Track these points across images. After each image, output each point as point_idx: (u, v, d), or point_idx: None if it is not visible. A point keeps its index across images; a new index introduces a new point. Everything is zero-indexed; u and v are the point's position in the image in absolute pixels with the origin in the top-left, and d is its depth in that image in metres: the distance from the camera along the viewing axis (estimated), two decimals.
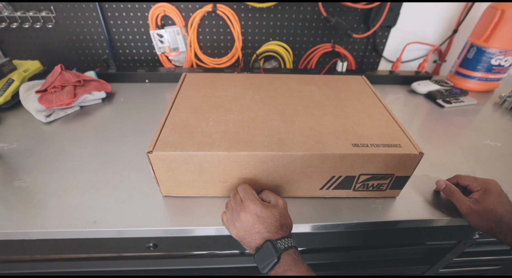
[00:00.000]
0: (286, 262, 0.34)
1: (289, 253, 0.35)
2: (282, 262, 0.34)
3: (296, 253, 0.36)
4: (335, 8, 0.85)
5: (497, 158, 0.59)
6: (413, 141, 0.43)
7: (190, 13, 0.84)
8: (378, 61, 0.98)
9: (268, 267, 0.35)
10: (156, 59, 0.93)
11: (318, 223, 0.45)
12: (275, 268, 0.35)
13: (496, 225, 0.40)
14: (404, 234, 0.54)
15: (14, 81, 0.72)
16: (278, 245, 0.35)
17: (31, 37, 0.86)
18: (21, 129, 0.64)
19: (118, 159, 0.56)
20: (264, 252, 0.36)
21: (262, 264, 0.35)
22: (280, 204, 0.40)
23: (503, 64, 0.80)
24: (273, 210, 0.38)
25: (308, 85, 0.59)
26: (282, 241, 0.36)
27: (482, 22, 0.79)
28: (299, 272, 0.33)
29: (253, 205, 0.38)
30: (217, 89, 0.56)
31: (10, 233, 0.42)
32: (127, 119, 0.68)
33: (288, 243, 0.36)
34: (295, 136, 0.43)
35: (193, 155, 0.41)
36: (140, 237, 0.47)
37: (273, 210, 0.38)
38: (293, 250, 0.35)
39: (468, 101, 0.80)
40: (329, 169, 0.43)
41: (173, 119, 0.47)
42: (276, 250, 0.35)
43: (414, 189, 0.51)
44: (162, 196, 0.48)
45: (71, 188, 0.49)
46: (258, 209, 0.37)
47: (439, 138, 0.65)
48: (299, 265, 0.34)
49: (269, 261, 0.35)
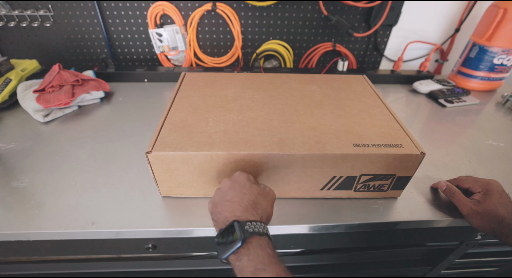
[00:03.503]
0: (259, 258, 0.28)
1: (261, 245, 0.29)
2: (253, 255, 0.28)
3: (271, 247, 0.30)
4: (336, 7, 0.84)
5: (500, 158, 0.58)
6: (415, 141, 0.43)
7: (189, 12, 0.83)
8: (379, 60, 0.98)
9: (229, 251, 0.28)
10: (155, 58, 0.93)
11: (318, 224, 0.44)
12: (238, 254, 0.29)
13: (498, 226, 0.39)
14: (405, 235, 0.53)
15: (11, 80, 0.71)
16: (247, 227, 0.29)
17: (29, 36, 0.85)
18: (18, 129, 0.63)
19: (117, 159, 0.55)
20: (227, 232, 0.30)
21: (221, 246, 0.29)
22: (267, 189, 0.37)
23: (505, 63, 0.80)
24: (254, 185, 0.36)
25: (309, 84, 0.59)
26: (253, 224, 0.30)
27: (485, 21, 0.78)
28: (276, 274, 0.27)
29: (239, 173, 0.37)
30: (217, 89, 0.55)
31: (7, 234, 0.42)
32: (125, 119, 0.68)
33: (260, 228, 0.30)
34: (296, 136, 0.43)
35: (192, 155, 0.40)
36: (139, 238, 0.47)
37: (254, 185, 0.36)
38: (267, 241, 0.30)
39: (470, 101, 0.79)
40: (330, 170, 0.43)
41: (172, 119, 0.46)
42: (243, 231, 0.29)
43: (415, 190, 0.50)
44: (161, 196, 0.48)
45: (69, 189, 0.48)
46: (241, 177, 0.36)
47: (441, 138, 0.65)
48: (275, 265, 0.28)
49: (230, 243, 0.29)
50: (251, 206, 0.33)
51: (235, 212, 0.32)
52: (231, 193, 0.35)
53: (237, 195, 0.34)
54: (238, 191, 0.35)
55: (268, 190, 0.38)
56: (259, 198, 0.35)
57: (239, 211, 0.32)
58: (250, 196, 0.34)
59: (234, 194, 0.34)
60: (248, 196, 0.34)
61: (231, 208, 0.33)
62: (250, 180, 0.37)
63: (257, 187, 0.37)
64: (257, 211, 0.33)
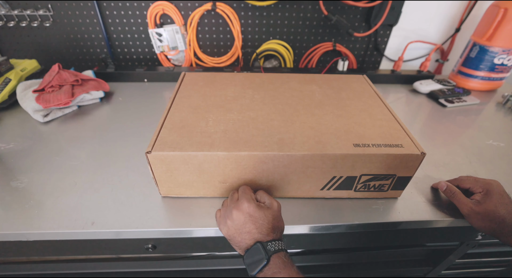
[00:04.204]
0: (276, 265, 0.33)
1: (279, 256, 0.34)
2: (272, 265, 0.33)
3: (286, 256, 0.35)
4: (336, 7, 0.84)
5: (500, 158, 0.58)
6: (415, 141, 0.43)
7: (189, 12, 0.83)
8: (379, 60, 0.97)
9: (257, 269, 0.34)
10: (155, 58, 0.93)
11: (319, 224, 0.44)
12: (264, 270, 0.34)
13: (498, 226, 0.39)
14: (406, 235, 0.53)
15: (11, 80, 0.71)
16: (269, 247, 0.34)
17: (29, 36, 0.85)
18: (18, 129, 0.63)
19: (117, 160, 0.55)
20: (253, 253, 0.35)
21: (251, 266, 0.35)
22: (275, 206, 0.39)
23: (506, 63, 0.80)
24: (266, 212, 0.37)
25: (309, 84, 0.58)
26: (273, 243, 0.35)
27: (485, 20, 0.78)
28: (288, 274, 0.33)
29: (247, 203, 0.37)
30: (217, 89, 0.55)
31: (7, 234, 0.42)
32: (125, 119, 0.68)
33: (279, 246, 0.35)
34: (296, 136, 0.43)
35: (192, 155, 0.40)
36: (139, 238, 0.47)
37: (266, 211, 0.37)
38: (283, 253, 0.35)
39: (470, 101, 0.79)
40: (330, 170, 0.42)
41: (172, 119, 0.46)
42: (266, 252, 0.34)
43: (416, 190, 0.50)
44: (161, 196, 0.47)
45: (68, 189, 0.48)
46: (251, 208, 0.37)
47: (442, 138, 0.65)
48: (289, 268, 0.34)
49: (258, 262, 0.34)
50: (271, 231, 0.36)
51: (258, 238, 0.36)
52: (248, 226, 0.36)
53: (255, 227, 0.36)
54: (255, 223, 0.36)
55: (275, 206, 0.39)
56: (274, 221, 0.37)
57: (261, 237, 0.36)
58: (268, 224, 0.36)
59: (252, 227, 0.36)
60: (266, 225, 0.36)
61: (253, 236, 0.36)
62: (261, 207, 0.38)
63: (269, 211, 0.38)
64: (275, 232, 0.37)
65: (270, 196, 0.41)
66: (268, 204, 0.39)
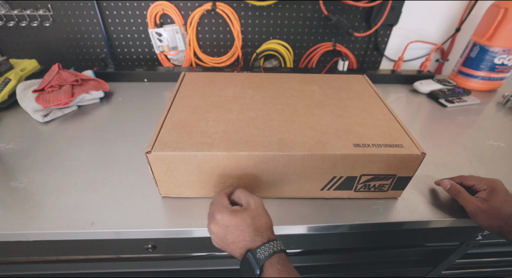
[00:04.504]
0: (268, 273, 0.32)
1: (271, 264, 0.32)
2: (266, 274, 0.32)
3: (281, 261, 0.32)
4: (336, 7, 0.84)
5: (501, 158, 0.58)
6: (415, 141, 0.43)
7: (189, 12, 0.83)
8: (379, 60, 0.97)
9: None
10: (154, 58, 0.93)
11: (319, 224, 0.44)
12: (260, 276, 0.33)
13: (505, 224, 0.39)
14: (406, 235, 0.53)
15: (11, 80, 0.71)
16: (258, 255, 0.32)
17: (28, 35, 0.85)
18: (18, 129, 0.63)
19: (117, 160, 0.55)
20: (245, 263, 0.33)
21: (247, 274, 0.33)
22: (252, 205, 0.36)
23: (506, 63, 0.79)
24: (243, 215, 0.35)
25: (309, 84, 0.58)
26: (262, 248, 0.33)
27: (485, 20, 0.78)
28: None
29: (219, 214, 0.35)
30: (217, 89, 0.55)
31: (6, 234, 0.42)
32: (125, 119, 0.68)
33: (269, 250, 0.33)
34: (296, 136, 0.43)
35: (192, 155, 0.40)
36: (139, 238, 0.47)
37: (243, 215, 0.35)
38: (277, 258, 0.32)
39: (471, 101, 0.79)
40: (330, 170, 0.42)
41: (172, 119, 0.46)
42: (257, 261, 0.32)
43: (416, 190, 0.50)
44: (160, 197, 0.47)
45: (68, 189, 0.48)
46: (225, 219, 0.34)
47: (442, 138, 0.64)
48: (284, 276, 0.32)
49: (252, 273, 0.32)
50: (255, 234, 0.34)
51: (246, 246, 0.34)
52: (230, 237, 0.34)
53: (236, 236, 0.34)
54: (235, 232, 0.34)
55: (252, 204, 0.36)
56: (255, 221, 0.35)
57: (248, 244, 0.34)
58: (248, 228, 0.34)
59: (233, 237, 0.34)
60: (247, 229, 0.34)
61: (239, 245, 0.34)
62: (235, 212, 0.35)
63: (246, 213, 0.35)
64: (261, 234, 0.34)
65: (248, 193, 0.38)
66: (245, 204, 0.37)
